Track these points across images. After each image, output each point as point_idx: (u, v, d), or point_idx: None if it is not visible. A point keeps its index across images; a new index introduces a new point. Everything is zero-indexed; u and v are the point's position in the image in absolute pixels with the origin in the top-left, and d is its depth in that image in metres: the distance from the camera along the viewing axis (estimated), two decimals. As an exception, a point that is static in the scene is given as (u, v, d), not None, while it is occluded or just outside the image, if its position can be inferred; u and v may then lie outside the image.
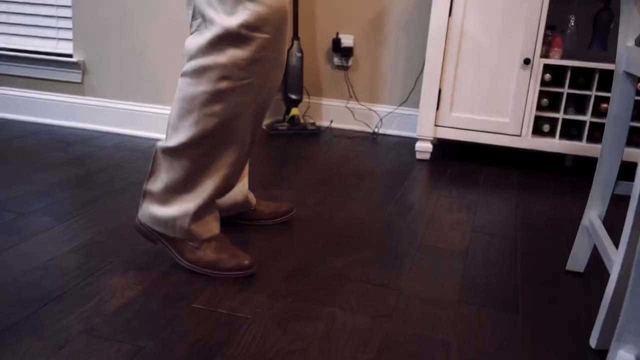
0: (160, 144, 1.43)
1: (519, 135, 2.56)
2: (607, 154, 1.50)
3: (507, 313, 1.38)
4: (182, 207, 1.44)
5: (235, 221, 1.80)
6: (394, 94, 3.11)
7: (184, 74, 1.38)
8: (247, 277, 1.46)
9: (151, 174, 1.46)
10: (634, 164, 2.52)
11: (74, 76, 2.76)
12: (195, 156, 1.41)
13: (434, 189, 2.28)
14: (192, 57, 1.36)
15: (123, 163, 2.33)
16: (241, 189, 1.73)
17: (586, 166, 2.75)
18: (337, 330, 1.26)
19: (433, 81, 2.58)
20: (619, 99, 1.48)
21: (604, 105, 2.46)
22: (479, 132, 2.59)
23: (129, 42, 2.66)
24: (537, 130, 2.60)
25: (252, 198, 1.80)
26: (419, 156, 2.69)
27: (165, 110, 2.67)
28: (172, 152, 1.42)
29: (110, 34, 2.67)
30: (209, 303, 1.33)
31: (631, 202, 1.16)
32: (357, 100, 3.16)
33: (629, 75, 1.47)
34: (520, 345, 1.25)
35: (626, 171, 2.64)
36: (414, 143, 2.99)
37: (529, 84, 2.50)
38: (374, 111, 3.15)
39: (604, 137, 1.50)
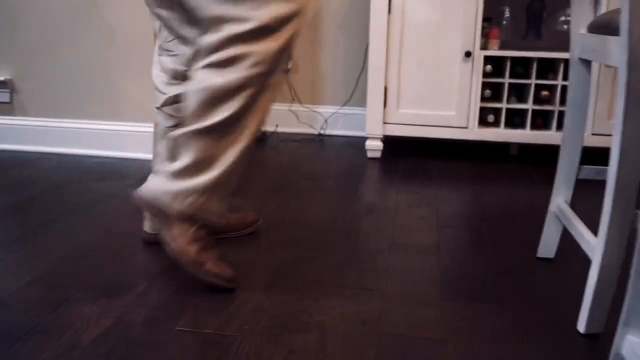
0: (181, 130, 1.38)
1: (466, 127, 2.60)
2: (569, 140, 1.54)
3: (490, 305, 1.39)
4: (199, 179, 1.39)
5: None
6: (337, 94, 3.11)
7: (209, 65, 1.35)
8: (226, 292, 1.41)
9: (169, 158, 1.42)
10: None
11: (2, 96, 2.60)
12: (223, 134, 1.38)
13: (390, 186, 2.28)
14: (217, 49, 1.34)
15: (67, 183, 2.21)
16: None
17: (530, 153, 2.83)
18: (330, 339, 1.23)
19: (378, 79, 2.59)
20: (576, 85, 1.52)
21: (545, 93, 2.54)
22: (427, 127, 2.62)
23: (58, 58, 2.53)
24: (482, 121, 2.65)
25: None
26: (369, 155, 2.70)
27: (103, 126, 2.55)
28: (198, 133, 1.37)
29: (37, 50, 2.53)
30: (193, 324, 1.27)
31: (608, 186, 1.19)
32: (300, 102, 3.13)
33: (584, 61, 1.51)
34: (513, 336, 1.26)
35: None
36: (362, 142, 2.99)
37: (472, 76, 2.54)
38: (318, 112, 3.13)
39: (564, 123, 1.54)
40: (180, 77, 1.56)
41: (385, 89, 2.60)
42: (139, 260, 1.59)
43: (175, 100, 1.57)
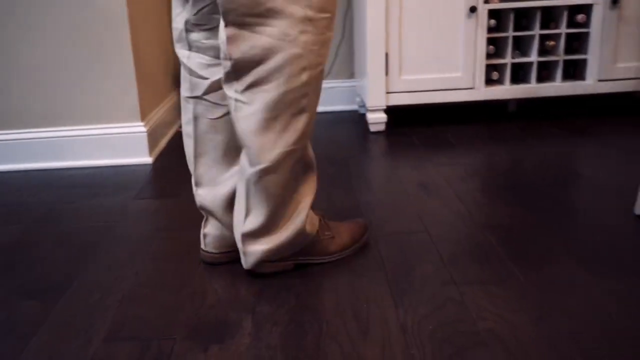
0: (251, 171, 1.20)
1: (473, 88, 2.45)
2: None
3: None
4: (295, 220, 1.28)
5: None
6: (313, 68, 2.85)
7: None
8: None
9: (246, 214, 1.23)
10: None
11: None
12: (290, 164, 1.22)
13: (423, 159, 2.09)
14: (255, 61, 1.14)
15: (58, 206, 1.84)
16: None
17: (528, 109, 2.73)
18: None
19: (378, 46, 2.36)
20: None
21: (551, 43, 2.42)
22: (433, 92, 2.44)
23: (11, 57, 2.11)
24: (486, 80, 2.50)
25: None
26: (373, 128, 2.48)
27: (77, 132, 2.16)
28: (267, 172, 1.20)
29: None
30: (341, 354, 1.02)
31: None
32: (276, 81, 2.85)
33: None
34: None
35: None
36: (354, 115, 2.78)
37: (476, 33, 2.38)
38: (297, 90, 2.86)
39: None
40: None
41: (386, 55, 2.39)
42: (218, 289, 1.30)
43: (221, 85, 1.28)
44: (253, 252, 1.29)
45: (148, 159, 2.19)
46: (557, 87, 2.47)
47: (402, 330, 1.11)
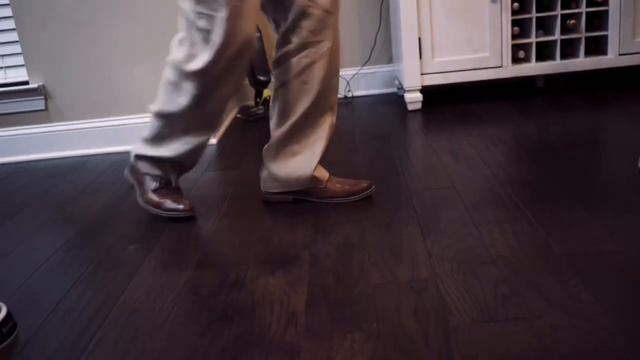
0: None
1: (501, 67, 2.68)
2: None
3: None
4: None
5: (303, 198, 1.79)
6: (354, 55, 3.13)
7: None
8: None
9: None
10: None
11: (37, 103, 2.51)
12: None
13: (455, 132, 2.34)
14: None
15: (140, 179, 2.18)
16: (307, 163, 1.73)
17: (555, 83, 2.94)
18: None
19: (411, 32, 2.63)
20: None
21: (572, 21, 2.64)
22: (463, 72, 2.69)
23: (88, 57, 2.46)
24: (513, 59, 2.73)
25: (322, 174, 1.77)
26: (410, 107, 2.75)
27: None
28: None
29: (65, 50, 2.45)
30: (382, 277, 1.31)
31: None
32: (321, 69, 3.14)
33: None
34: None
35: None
36: (391, 97, 3.04)
37: (501, 16, 2.62)
38: (340, 76, 3.14)
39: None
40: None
41: (419, 40, 2.64)
42: (280, 232, 1.60)
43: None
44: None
45: (213, 140, 2.52)
46: (580, 62, 2.68)
47: (428, 256, 1.38)
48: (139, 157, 1.77)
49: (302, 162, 1.74)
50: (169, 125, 1.68)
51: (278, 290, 1.32)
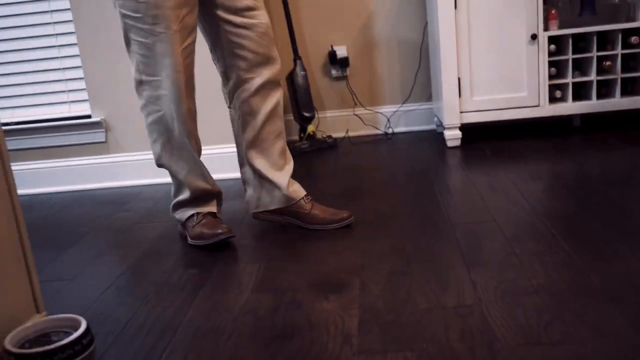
0: None
1: (538, 106, 2.77)
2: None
3: (671, 249, 1.55)
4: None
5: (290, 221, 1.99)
6: (394, 93, 3.26)
7: None
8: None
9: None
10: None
11: (98, 136, 2.68)
12: None
13: (495, 168, 2.43)
14: None
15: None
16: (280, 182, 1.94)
17: (592, 123, 3.01)
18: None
19: (451, 72, 2.74)
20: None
21: (608, 63, 2.73)
22: (501, 110, 2.79)
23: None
24: (550, 98, 2.82)
25: (295, 192, 1.95)
26: (450, 144, 2.85)
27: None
28: None
29: (125, 87, 2.62)
30: (428, 302, 1.40)
31: None
32: (362, 106, 3.27)
33: None
34: None
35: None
36: (430, 134, 3.15)
37: (538, 57, 2.72)
38: (381, 113, 3.27)
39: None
40: None
41: (459, 80, 2.76)
42: (330, 260, 1.71)
43: None
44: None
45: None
46: (616, 102, 2.76)
47: (472, 285, 1.47)
48: (174, 209, 2.01)
49: (274, 182, 1.94)
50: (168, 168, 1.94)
51: (332, 313, 1.42)
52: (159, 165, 1.95)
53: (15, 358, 1.21)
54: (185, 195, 1.95)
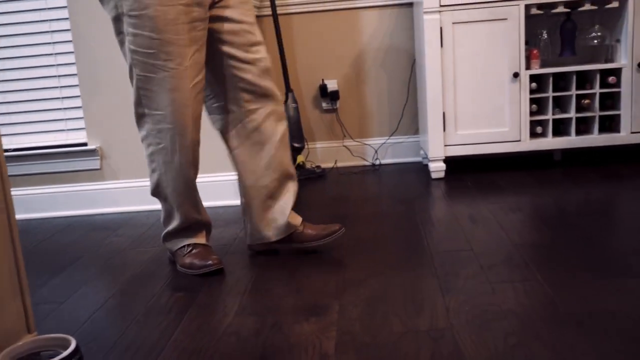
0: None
1: (519, 140, 2.88)
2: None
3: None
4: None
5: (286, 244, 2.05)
6: (382, 126, 3.36)
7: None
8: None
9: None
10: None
11: (93, 163, 2.77)
12: None
13: (476, 199, 2.52)
14: None
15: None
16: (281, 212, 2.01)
17: (572, 158, 3.12)
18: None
19: (437, 107, 2.85)
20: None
21: (586, 101, 2.84)
22: (485, 144, 2.89)
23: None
24: (531, 134, 2.93)
25: (296, 220, 2.02)
26: (434, 176, 2.94)
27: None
28: None
29: (121, 116, 2.72)
30: (404, 325, 1.47)
31: None
32: (351, 137, 3.38)
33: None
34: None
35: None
36: (416, 166, 3.25)
37: (520, 94, 2.83)
38: (369, 145, 3.37)
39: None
40: None
41: (444, 114, 2.86)
42: (310, 284, 1.78)
43: None
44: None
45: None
46: (594, 138, 2.86)
47: (446, 310, 1.55)
48: (165, 239, 2.07)
49: (277, 212, 2.01)
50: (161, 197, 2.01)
51: (311, 335, 1.48)
52: (155, 195, 2.01)
53: (8, 372, 1.27)
54: (175, 224, 2.01)
